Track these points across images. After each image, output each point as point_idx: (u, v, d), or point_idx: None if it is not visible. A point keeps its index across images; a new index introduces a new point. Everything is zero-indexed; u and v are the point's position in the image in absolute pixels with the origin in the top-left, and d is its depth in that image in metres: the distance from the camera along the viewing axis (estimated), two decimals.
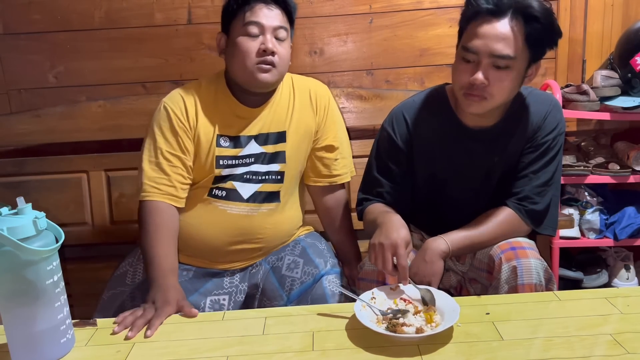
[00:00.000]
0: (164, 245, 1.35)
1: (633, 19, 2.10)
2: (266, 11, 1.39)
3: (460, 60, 1.28)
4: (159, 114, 1.44)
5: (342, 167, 1.60)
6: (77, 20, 2.08)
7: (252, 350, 1.03)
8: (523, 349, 0.99)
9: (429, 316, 1.08)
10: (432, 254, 1.29)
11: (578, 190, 2.11)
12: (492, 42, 1.22)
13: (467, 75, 1.25)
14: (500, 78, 1.24)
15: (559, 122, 1.37)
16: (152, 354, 1.04)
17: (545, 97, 1.40)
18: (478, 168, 1.40)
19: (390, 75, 2.16)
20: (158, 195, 1.39)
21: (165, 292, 1.23)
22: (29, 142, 2.06)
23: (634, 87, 1.97)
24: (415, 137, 1.42)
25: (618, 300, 1.15)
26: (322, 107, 1.54)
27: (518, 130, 1.36)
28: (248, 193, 1.46)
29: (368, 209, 1.44)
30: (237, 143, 1.46)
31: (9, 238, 0.92)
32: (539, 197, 1.36)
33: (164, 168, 1.40)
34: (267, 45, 1.37)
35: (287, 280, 1.44)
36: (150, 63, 2.10)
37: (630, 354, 0.96)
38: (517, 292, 1.26)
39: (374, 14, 2.11)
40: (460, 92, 1.29)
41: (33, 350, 0.99)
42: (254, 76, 1.39)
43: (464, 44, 1.26)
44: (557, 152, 1.38)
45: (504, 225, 1.36)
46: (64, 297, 1.03)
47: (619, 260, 2.15)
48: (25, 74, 2.12)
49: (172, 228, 1.39)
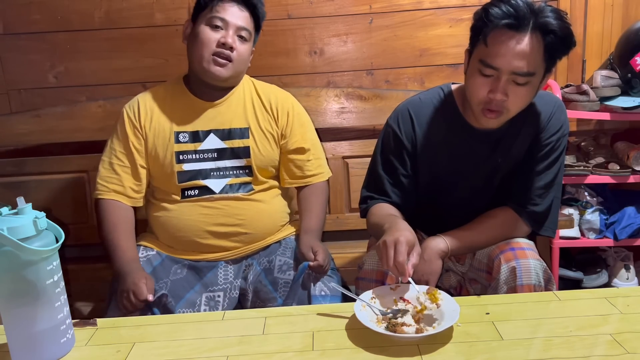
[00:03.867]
0: (122, 239, 1.46)
1: (633, 19, 2.10)
2: (235, 10, 1.46)
3: (477, 74, 1.24)
4: (119, 119, 1.56)
5: (316, 168, 1.63)
6: (77, 20, 2.08)
7: (252, 350, 1.03)
8: (523, 349, 0.99)
9: (433, 295, 1.09)
10: (431, 252, 1.30)
11: (578, 190, 2.11)
12: (513, 60, 1.18)
13: (486, 90, 1.23)
14: (518, 93, 1.23)
15: (563, 123, 1.36)
16: (152, 354, 1.04)
17: (550, 98, 1.39)
18: (482, 169, 1.39)
19: (390, 75, 2.16)
20: (109, 194, 1.50)
21: (132, 276, 1.35)
22: (29, 142, 2.06)
23: (634, 87, 1.97)
24: (420, 135, 1.40)
25: (618, 300, 1.15)
26: (285, 112, 1.58)
27: (522, 130, 1.35)
28: (219, 187, 1.52)
29: (373, 210, 1.41)
30: (195, 137, 1.52)
31: (9, 238, 0.92)
32: (540, 199, 1.36)
33: (115, 168, 1.52)
34: (227, 40, 1.44)
35: (280, 282, 1.45)
36: (150, 63, 2.11)
37: (630, 354, 0.96)
38: (516, 292, 1.26)
39: (374, 14, 2.11)
40: (478, 107, 1.27)
41: (33, 350, 0.99)
42: (209, 66, 1.46)
43: (484, 59, 1.21)
44: (560, 153, 1.37)
45: (504, 226, 1.36)
46: (64, 297, 1.03)
47: (619, 260, 2.15)
48: (25, 74, 2.12)
49: (127, 222, 1.50)
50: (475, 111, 1.29)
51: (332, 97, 2.06)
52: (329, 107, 2.07)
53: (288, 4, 2.09)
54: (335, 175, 2.02)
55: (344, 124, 2.08)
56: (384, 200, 1.42)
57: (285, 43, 2.13)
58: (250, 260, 1.55)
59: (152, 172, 1.54)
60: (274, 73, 2.11)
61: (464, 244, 1.33)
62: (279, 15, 2.10)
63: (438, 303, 1.09)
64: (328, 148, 2.02)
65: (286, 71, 2.14)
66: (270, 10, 2.09)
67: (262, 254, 1.55)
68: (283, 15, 2.10)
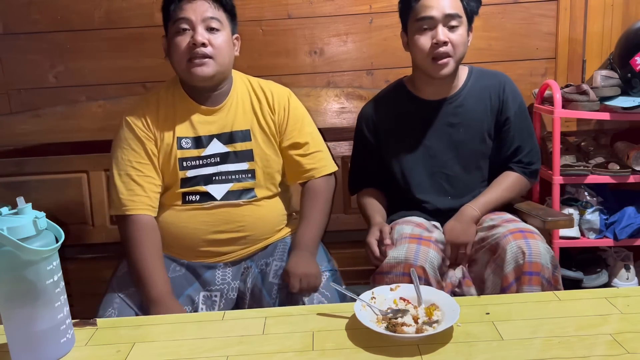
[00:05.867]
0: (155, 263, 1.39)
1: (633, 19, 2.10)
2: (195, 5, 1.41)
3: (417, 33, 1.49)
4: (122, 129, 1.49)
5: (317, 161, 1.58)
6: (77, 20, 2.08)
7: (252, 350, 1.03)
8: (523, 349, 0.99)
9: (429, 311, 1.09)
10: (467, 219, 1.51)
11: (578, 190, 2.10)
12: (442, 6, 1.46)
13: (429, 41, 1.48)
14: (455, 37, 1.47)
15: (516, 91, 1.61)
16: (152, 353, 1.04)
17: (494, 72, 1.64)
18: (445, 139, 1.59)
19: (390, 75, 2.16)
20: (140, 209, 1.44)
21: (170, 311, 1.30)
22: (29, 142, 2.06)
23: (634, 87, 1.97)
24: (379, 124, 1.64)
25: (618, 300, 1.15)
26: (282, 107, 1.55)
27: (476, 100, 1.58)
28: (220, 193, 1.49)
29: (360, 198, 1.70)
30: (198, 143, 1.49)
31: (9, 238, 0.92)
32: (537, 156, 1.63)
33: (135, 179, 1.45)
34: (196, 38, 1.39)
35: (274, 287, 1.44)
36: (150, 63, 2.10)
37: (630, 354, 0.96)
38: (524, 270, 1.30)
39: (374, 14, 2.11)
40: (427, 60, 1.50)
41: (33, 350, 0.99)
42: (189, 71, 1.42)
43: (418, 16, 1.48)
44: (527, 112, 1.64)
45: (515, 186, 1.60)
46: (64, 297, 1.03)
47: (619, 260, 2.15)
48: (25, 74, 2.12)
49: (157, 242, 1.45)
50: (427, 66, 1.51)
51: (332, 97, 2.06)
52: (329, 107, 2.07)
53: (288, 4, 2.09)
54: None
55: (344, 124, 2.08)
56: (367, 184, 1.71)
57: (285, 43, 2.13)
58: (249, 263, 1.54)
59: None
60: (274, 73, 2.11)
61: (489, 208, 1.55)
62: (279, 15, 2.10)
63: (432, 319, 1.07)
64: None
65: (286, 71, 2.14)
66: (270, 10, 2.10)
67: (259, 255, 1.55)
68: (283, 15, 2.11)
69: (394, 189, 1.66)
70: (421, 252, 1.36)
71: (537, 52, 2.15)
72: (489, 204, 1.55)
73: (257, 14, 2.09)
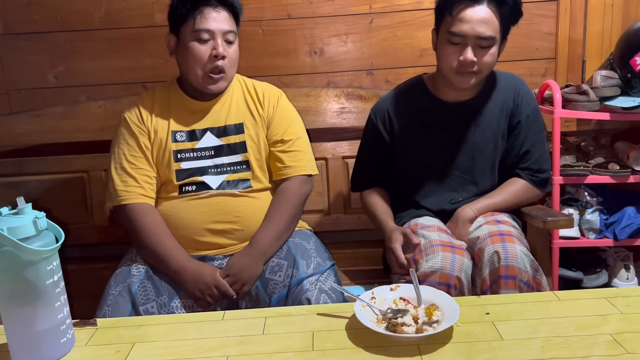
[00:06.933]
0: (167, 238, 1.46)
1: (633, 19, 2.10)
2: (215, 15, 1.46)
3: (447, 44, 1.47)
4: (120, 125, 1.56)
5: (298, 160, 1.59)
6: (77, 20, 2.08)
7: (252, 350, 1.03)
8: (523, 349, 0.99)
9: (429, 311, 1.09)
10: (462, 219, 1.52)
11: (578, 190, 2.10)
12: (477, 26, 1.42)
13: (456, 57, 1.46)
14: (484, 56, 1.45)
15: (530, 96, 1.60)
16: (152, 353, 1.04)
17: (509, 75, 1.63)
18: (459, 141, 1.57)
19: (390, 75, 2.16)
20: (135, 198, 1.49)
21: (201, 277, 1.39)
22: (29, 142, 2.06)
23: (634, 87, 1.97)
24: (395, 120, 1.62)
25: (618, 300, 1.15)
26: (271, 105, 1.60)
27: (491, 103, 1.57)
28: (216, 183, 1.54)
29: (365, 199, 1.69)
30: (192, 136, 1.55)
31: (9, 238, 0.92)
32: (547, 164, 1.61)
33: (129, 172, 1.51)
34: (219, 51, 1.46)
35: (270, 283, 1.44)
36: (150, 63, 2.11)
37: (630, 354, 0.96)
38: (500, 274, 1.30)
39: (374, 14, 2.11)
40: (451, 73, 1.48)
41: (33, 350, 0.99)
42: (205, 84, 1.49)
43: (450, 29, 1.44)
44: (541, 119, 1.62)
45: (519, 193, 1.58)
46: (64, 297, 1.03)
47: (619, 260, 2.15)
48: (25, 74, 2.12)
49: (159, 219, 1.49)
50: (451, 77, 1.50)
51: (332, 97, 2.06)
52: (329, 107, 2.07)
53: (288, 4, 2.09)
54: (335, 175, 2.02)
55: (344, 124, 2.08)
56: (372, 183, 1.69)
57: (285, 43, 2.13)
58: None
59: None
60: (274, 73, 2.11)
61: (489, 210, 1.54)
62: (279, 15, 2.10)
63: (432, 319, 1.08)
64: (328, 148, 2.02)
65: (286, 71, 2.14)
66: (270, 10, 2.10)
67: None
68: (283, 15, 2.10)
69: (402, 187, 1.65)
70: (457, 261, 1.35)
71: (537, 52, 2.15)
72: (488, 207, 1.54)
73: (257, 14, 2.09)
